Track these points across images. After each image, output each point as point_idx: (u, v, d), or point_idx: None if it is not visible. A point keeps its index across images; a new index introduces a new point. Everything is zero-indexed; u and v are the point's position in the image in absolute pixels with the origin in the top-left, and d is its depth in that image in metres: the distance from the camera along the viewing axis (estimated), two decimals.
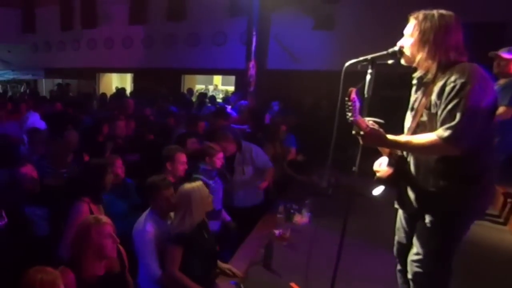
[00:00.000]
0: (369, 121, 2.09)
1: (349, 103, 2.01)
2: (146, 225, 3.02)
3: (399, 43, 2.21)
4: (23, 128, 6.08)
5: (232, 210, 4.39)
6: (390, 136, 2.11)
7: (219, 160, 4.15)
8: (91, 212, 3.01)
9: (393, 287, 2.74)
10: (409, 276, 2.35)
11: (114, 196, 3.65)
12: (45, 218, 3.52)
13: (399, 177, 2.29)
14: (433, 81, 2.08)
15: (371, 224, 4.15)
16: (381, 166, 2.34)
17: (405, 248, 2.43)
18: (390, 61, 2.22)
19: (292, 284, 3.09)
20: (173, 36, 12.77)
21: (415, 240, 2.30)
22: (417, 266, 2.28)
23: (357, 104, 2.03)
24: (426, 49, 2.08)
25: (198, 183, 3.12)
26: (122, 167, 3.90)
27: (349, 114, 2.03)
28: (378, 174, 2.34)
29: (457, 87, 1.94)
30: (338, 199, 2.51)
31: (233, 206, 4.48)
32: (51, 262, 2.30)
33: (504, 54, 4.16)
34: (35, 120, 6.47)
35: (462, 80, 1.93)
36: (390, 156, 2.32)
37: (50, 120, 6.75)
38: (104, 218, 2.48)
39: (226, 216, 4.27)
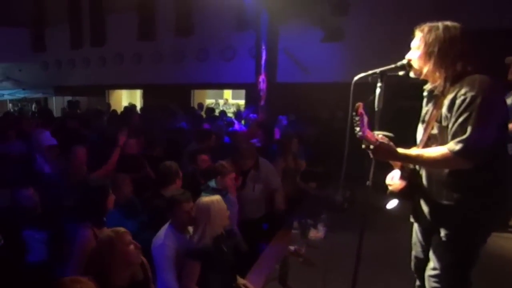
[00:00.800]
0: (379, 135, 2.09)
1: (357, 118, 2.00)
2: (165, 239, 3.04)
3: (407, 56, 2.22)
4: (33, 146, 6.14)
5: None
6: (400, 150, 2.11)
7: (230, 180, 4.15)
8: (95, 237, 2.95)
9: None
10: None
11: (122, 216, 3.62)
12: (43, 242, 3.40)
13: (412, 190, 2.29)
14: (443, 94, 2.08)
15: (388, 239, 4.10)
16: (394, 179, 2.33)
17: (423, 262, 2.40)
18: (401, 73, 2.24)
19: None
20: (182, 52, 12.94)
21: (431, 255, 2.27)
22: (434, 282, 2.25)
23: (365, 119, 2.02)
24: (432, 61, 2.10)
25: (216, 197, 3.13)
26: (130, 185, 3.90)
27: (357, 129, 2.02)
28: (390, 188, 2.34)
29: (468, 100, 1.93)
30: (354, 213, 2.50)
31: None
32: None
33: None
34: (47, 137, 6.54)
35: (473, 93, 1.93)
36: (402, 169, 2.32)
37: (59, 137, 6.81)
38: (121, 228, 2.53)
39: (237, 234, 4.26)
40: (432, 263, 2.26)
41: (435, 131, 2.15)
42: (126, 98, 16.11)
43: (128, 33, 13.76)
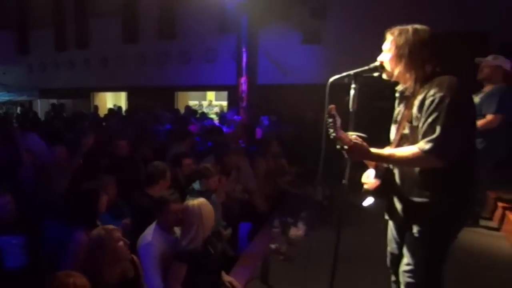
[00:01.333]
0: (352, 136, 2.10)
1: (330, 120, 2.03)
2: (151, 239, 3.00)
3: (378, 58, 2.25)
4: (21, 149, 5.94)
5: None
6: (373, 150, 2.12)
7: (214, 182, 4.12)
8: None
9: None
10: (402, 287, 2.34)
11: (109, 218, 3.57)
12: (21, 247, 3.22)
13: (386, 188, 2.31)
14: (414, 95, 2.11)
15: (366, 235, 4.12)
16: (369, 178, 2.36)
17: (398, 258, 2.42)
18: (376, 74, 2.26)
19: None
20: (165, 54, 12.85)
21: (405, 251, 2.29)
22: (408, 277, 2.27)
23: (338, 120, 2.04)
24: (402, 63, 2.13)
25: (202, 199, 3.09)
26: (114, 188, 3.86)
27: (331, 130, 2.04)
28: (365, 186, 2.36)
29: (436, 100, 1.96)
30: (333, 211, 2.49)
31: None
32: None
33: (489, 61, 4.23)
34: (35, 140, 6.36)
35: (441, 94, 1.96)
36: (376, 168, 2.34)
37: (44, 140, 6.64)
38: (111, 226, 2.55)
39: None
40: (406, 259, 2.28)
41: (406, 131, 2.17)
42: (111, 100, 15.87)
43: (112, 36, 13.61)
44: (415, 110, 2.08)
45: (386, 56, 2.20)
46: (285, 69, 9.87)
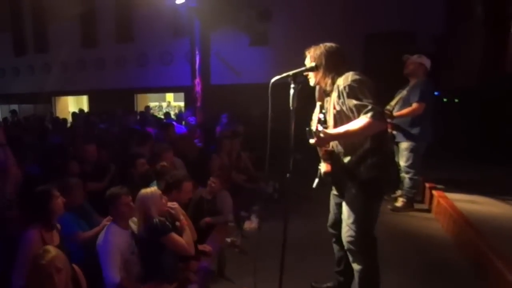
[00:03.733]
0: (318, 129, 2.35)
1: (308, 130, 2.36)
2: (108, 235, 2.83)
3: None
4: None
5: None
6: (332, 131, 2.39)
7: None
8: (43, 239, 2.70)
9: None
10: (346, 246, 2.58)
11: (74, 219, 3.34)
12: None
13: (335, 166, 2.54)
14: (332, 89, 2.48)
15: (314, 225, 4.03)
16: (322, 166, 2.60)
17: (338, 220, 2.70)
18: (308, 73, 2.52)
19: None
20: (123, 58, 12.36)
21: (344, 209, 2.55)
22: (347, 236, 2.52)
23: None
24: (321, 71, 2.47)
25: (151, 188, 3.09)
26: (81, 190, 3.54)
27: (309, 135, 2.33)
28: (322, 171, 2.57)
29: (347, 88, 2.35)
30: (284, 203, 2.53)
31: None
32: None
33: (414, 59, 4.52)
34: None
35: (348, 83, 2.35)
36: (324, 154, 2.56)
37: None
38: (52, 252, 2.23)
39: None
40: (344, 222, 2.55)
41: (335, 113, 2.47)
42: (73, 104, 14.99)
43: (71, 40, 12.88)
44: (335, 98, 2.44)
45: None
46: (235, 69, 9.77)
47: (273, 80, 2.28)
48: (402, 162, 4.54)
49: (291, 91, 2.26)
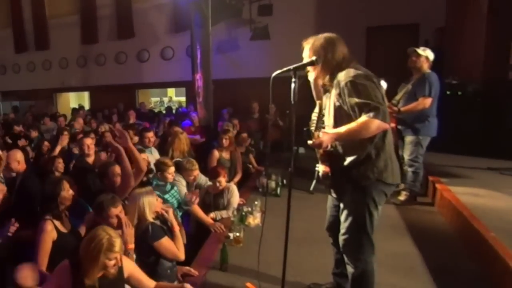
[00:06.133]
0: (318, 133, 2.32)
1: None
2: None
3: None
4: None
5: None
6: (332, 130, 2.33)
7: (170, 174, 4.01)
8: (56, 228, 2.92)
9: None
10: (342, 249, 2.51)
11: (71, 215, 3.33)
12: None
13: (334, 168, 2.46)
14: (332, 85, 2.36)
15: (317, 220, 4.02)
16: (320, 167, 2.55)
17: (335, 222, 2.60)
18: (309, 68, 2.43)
19: (248, 284, 2.93)
20: (124, 53, 12.33)
21: (342, 211, 2.46)
22: (344, 239, 2.45)
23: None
24: (320, 65, 2.33)
25: (146, 188, 3.14)
26: (73, 187, 3.45)
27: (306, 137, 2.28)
28: (321, 173, 2.53)
29: (348, 84, 2.22)
30: (286, 198, 2.44)
31: None
32: None
33: (418, 52, 4.42)
34: None
35: (349, 79, 2.22)
36: (322, 155, 2.48)
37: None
38: (116, 239, 2.31)
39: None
40: (342, 224, 2.46)
41: (335, 110, 2.37)
42: (74, 101, 15.01)
43: (72, 37, 12.88)
44: (335, 95, 2.32)
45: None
46: (237, 64, 9.73)
47: (274, 74, 2.26)
48: (406, 156, 4.52)
49: (292, 85, 2.21)
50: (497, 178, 4.87)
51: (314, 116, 2.64)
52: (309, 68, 2.40)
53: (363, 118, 2.16)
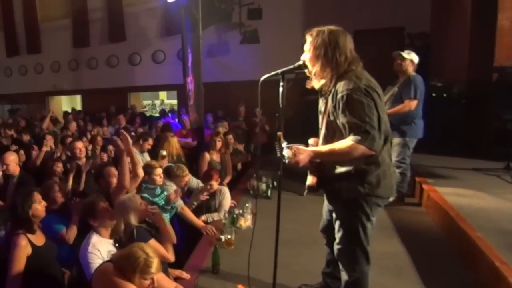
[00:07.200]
0: (293, 148, 2.09)
1: (277, 145, 2.08)
2: (89, 247, 2.74)
3: (302, 58, 2.23)
4: None
5: None
6: (313, 148, 2.16)
7: (158, 176, 3.94)
8: (30, 242, 2.75)
9: None
10: (336, 257, 2.42)
11: (56, 220, 3.34)
12: None
13: (321, 179, 2.31)
14: (330, 91, 2.15)
15: (307, 221, 4.00)
16: (308, 179, 2.37)
17: (329, 225, 2.50)
18: (307, 71, 2.24)
19: (239, 286, 2.92)
20: (116, 57, 12.24)
21: (335, 221, 2.35)
22: (338, 249, 2.35)
23: (284, 145, 2.08)
24: (319, 63, 2.13)
25: (129, 194, 3.11)
26: (58, 191, 3.53)
27: (278, 153, 2.10)
28: (307, 184, 2.36)
29: (344, 98, 2.01)
30: (276, 200, 2.41)
31: None
32: None
33: (403, 55, 4.45)
34: None
35: (347, 93, 2.01)
36: (310, 165, 2.28)
37: None
38: (153, 263, 2.20)
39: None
40: (336, 233, 2.35)
41: (327, 124, 2.21)
42: (67, 104, 14.84)
43: (63, 40, 12.78)
44: (330, 105, 2.12)
45: (306, 55, 2.21)
46: (228, 67, 9.73)
47: (262, 78, 2.21)
48: (394, 157, 4.52)
49: (280, 89, 2.16)
50: (482, 179, 4.91)
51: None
52: (307, 63, 2.20)
53: (348, 141, 1.98)
